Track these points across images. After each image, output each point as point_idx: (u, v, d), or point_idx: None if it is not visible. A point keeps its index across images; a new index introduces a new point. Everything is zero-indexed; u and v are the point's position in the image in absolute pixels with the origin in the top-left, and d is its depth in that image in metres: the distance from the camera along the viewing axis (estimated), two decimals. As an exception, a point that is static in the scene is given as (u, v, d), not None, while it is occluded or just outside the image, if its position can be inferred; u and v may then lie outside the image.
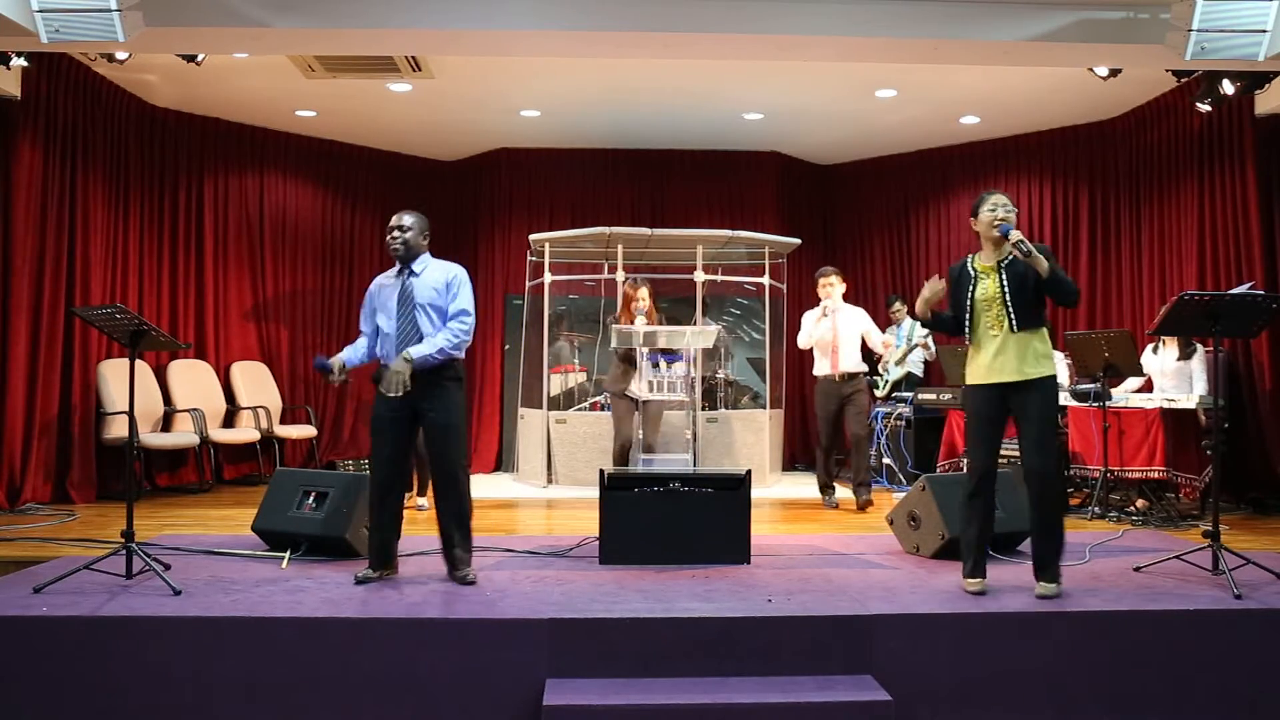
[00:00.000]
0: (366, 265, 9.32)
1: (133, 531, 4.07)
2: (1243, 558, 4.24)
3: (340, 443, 9.18)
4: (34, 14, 4.56)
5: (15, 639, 3.46)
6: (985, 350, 4.02)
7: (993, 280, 4.04)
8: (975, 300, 4.07)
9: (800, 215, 9.80)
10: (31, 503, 6.40)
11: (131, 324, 4.12)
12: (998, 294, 4.01)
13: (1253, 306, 4.18)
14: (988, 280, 4.05)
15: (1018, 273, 3.98)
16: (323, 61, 6.88)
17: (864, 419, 6.83)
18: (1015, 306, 3.97)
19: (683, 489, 4.61)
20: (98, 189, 7.11)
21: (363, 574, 4.11)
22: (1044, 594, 3.88)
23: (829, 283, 6.86)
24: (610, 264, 8.09)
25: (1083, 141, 8.36)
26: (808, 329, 6.89)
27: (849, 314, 6.88)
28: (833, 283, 6.86)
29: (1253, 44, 4.75)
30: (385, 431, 4.15)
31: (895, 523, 5.04)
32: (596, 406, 8.13)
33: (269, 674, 3.44)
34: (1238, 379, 6.79)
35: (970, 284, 4.10)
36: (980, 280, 4.07)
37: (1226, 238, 6.86)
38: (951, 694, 3.53)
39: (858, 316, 6.93)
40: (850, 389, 6.73)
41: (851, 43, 5.37)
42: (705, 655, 3.51)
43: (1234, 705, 3.59)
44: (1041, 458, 3.94)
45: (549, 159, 9.47)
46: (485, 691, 3.44)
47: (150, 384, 7.50)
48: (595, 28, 5.25)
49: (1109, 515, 6.12)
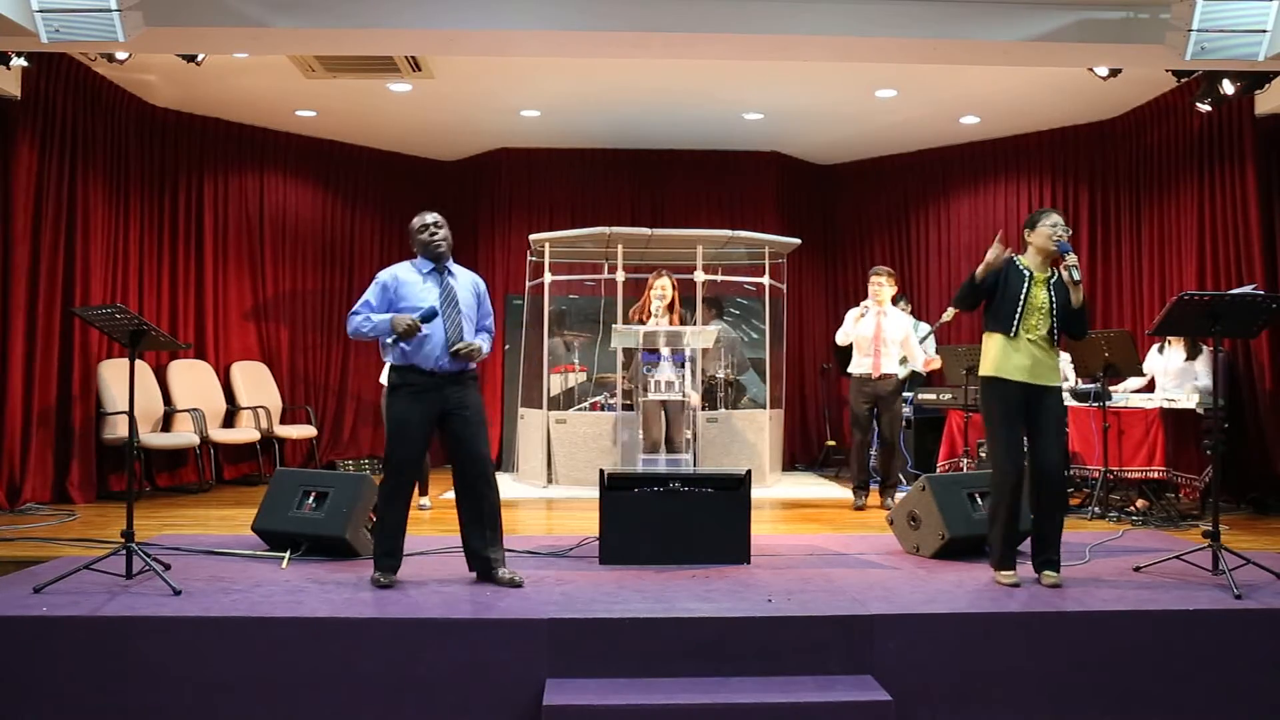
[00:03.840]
0: (366, 265, 9.31)
1: (133, 531, 4.07)
2: (1243, 558, 4.24)
3: (340, 443, 9.18)
4: (34, 14, 4.56)
5: (15, 639, 3.46)
6: (1021, 351, 4.16)
7: (1043, 290, 4.21)
8: (1026, 302, 4.18)
9: (800, 215, 9.80)
10: (31, 503, 6.40)
11: (131, 324, 4.11)
12: (1048, 306, 4.18)
13: (1253, 306, 4.18)
14: (1039, 290, 4.22)
15: (1062, 290, 4.19)
16: (323, 61, 6.88)
17: (898, 423, 6.78)
18: (1060, 320, 4.19)
19: (683, 489, 4.60)
20: (98, 189, 7.11)
21: (386, 579, 4.03)
22: (1051, 582, 4.07)
23: (879, 283, 6.78)
24: (610, 264, 8.09)
25: (1083, 141, 8.36)
26: (847, 326, 6.83)
27: (896, 317, 6.82)
28: (882, 283, 6.78)
29: (1253, 44, 4.75)
30: (414, 432, 4.09)
31: (895, 523, 5.04)
32: (596, 406, 8.13)
33: (269, 674, 3.44)
34: (1238, 379, 6.79)
35: (1024, 283, 4.21)
36: (1034, 287, 4.21)
37: (1226, 238, 6.86)
38: (951, 694, 3.53)
39: (903, 322, 6.86)
40: (886, 390, 6.67)
41: (851, 43, 5.37)
42: (705, 655, 3.51)
43: (1234, 705, 3.59)
44: (1054, 460, 4.16)
45: (549, 159, 9.47)
46: (485, 691, 3.43)
47: (150, 384, 7.50)
48: (595, 28, 5.25)
49: (1109, 515, 6.12)
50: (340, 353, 9.25)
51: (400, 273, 4.21)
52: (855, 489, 6.83)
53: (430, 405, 4.08)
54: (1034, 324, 4.16)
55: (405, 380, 4.11)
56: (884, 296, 6.76)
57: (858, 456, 6.80)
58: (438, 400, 4.08)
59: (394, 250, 9.35)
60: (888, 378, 6.67)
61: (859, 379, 6.75)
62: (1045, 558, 4.16)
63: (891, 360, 6.69)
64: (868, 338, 6.70)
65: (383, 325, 4.08)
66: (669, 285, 6.87)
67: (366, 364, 9.34)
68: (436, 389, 4.09)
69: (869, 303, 6.76)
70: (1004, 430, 4.16)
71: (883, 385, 6.66)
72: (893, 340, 6.71)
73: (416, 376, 4.09)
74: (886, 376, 6.66)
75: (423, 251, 4.21)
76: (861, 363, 6.75)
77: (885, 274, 6.86)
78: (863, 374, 6.72)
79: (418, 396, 4.08)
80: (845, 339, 6.86)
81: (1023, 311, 4.16)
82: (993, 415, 4.20)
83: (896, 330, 6.74)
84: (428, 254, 4.20)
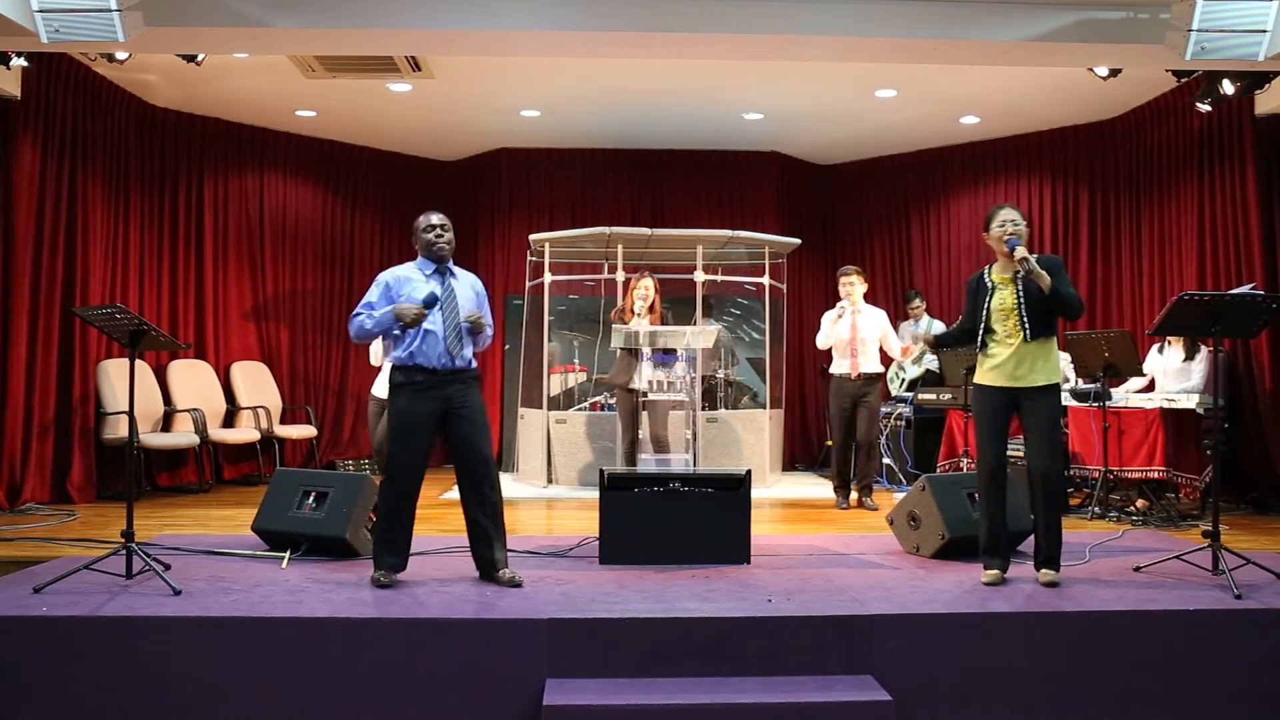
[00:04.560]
0: (366, 265, 9.33)
1: (133, 531, 4.07)
2: (1243, 558, 4.24)
3: (340, 443, 9.19)
4: (34, 14, 4.56)
5: (15, 639, 3.46)
6: (999, 356, 4.21)
7: (1010, 291, 4.22)
8: (992, 310, 4.24)
9: (800, 215, 9.80)
10: (31, 503, 6.40)
11: (131, 324, 4.11)
12: (1014, 305, 4.18)
13: (1253, 306, 4.18)
14: (1005, 291, 4.23)
15: (1033, 284, 4.15)
16: (323, 61, 6.88)
17: (874, 423, 6.78)
18: (1030, 317, 4.16)
19: (683, 489, 4.60)
20: (98, 189, 7.11)
21: (386, 579, 4.02)
22: (1049, 580, 4.09)
23: (849, 282, 6.79)
24: (610, 264, 8.09)
25: (1083, 141, 8.36)
26: (826, 329, 6.83)
27: (870, 314, 6.82)
28: (853, 282, 6.78)
29: (1253, 44, 4.75)
30: (419, 432, 4.09)
31: (895, 523, 5.04)
32: (596, 406, 8.13)
33: (269, 674, 3.44)
34: (1238, 379, 6.79)
35: (988, 294, 4.27)
36: (997, 291, 4.25)
37: (1226, 238, 6.86)
38: (951, 694, 3.53)
39: (878, 318, 6.86)
40: (866, 390, 6.67)
41: (851, 43, 5.38)
42: (705, 655, 3.51)
43: (1234, 705, 3.59)
44: (1047, 460, 4.17)
45: (549, 159, 9.47)
46: (485, 691, 3.44)
47: (150, 384, 7.50)
48: (595, 28, 5.25)
49: (1109, 515, 6.12)
50: (340, 353, 9.25)
51: (402, 273, 4.23)
52: (836, 489, 6.85)
53: (433, 403, 4.09)
54: (1009, 328, 4.18)
55: (409, 379, 4.11)
56: (856, 295, 6.77)
57: (837, 457, 6.81)
58: (440, 398, 4.09)
59: (394, 250, 9.35)
60: (867, 378, 6.69)
61: (839, 379, 6.77)
62: (1043, 557, 4.18)
63: (870, 360, 6.72)
64: (845, 339, 6.72)
65: (386, 317, 4.08)
66: (651, 285, 6.89)
67: (366, 364, 9.32)
68: (439, 387, 4.10)
69: (844, 304, 6.77)
70: (979, 431, 4.31)
71: (861, 385, 6.68)
72: (870, 339, 6.72)
73: (419, 375, 4.09)
74: (864, 376, 6.68)
75: (425, 251, 4.22)
76: (841, 364, 6.77)
77: (855, 272, 6.86)
78: (842, 374, 6.75)
79: (420, 394, 4.09)
80: (825, 342, 6.86)
81: (988, 320, 4.24)
82: (975, 418, 4.37)
83: (873, 329, 6.76)
84: (430, 254, 4.21)
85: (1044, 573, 4.13)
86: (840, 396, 6.74)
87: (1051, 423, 4.21)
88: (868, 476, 6.69)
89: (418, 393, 4.09)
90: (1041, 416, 4.16)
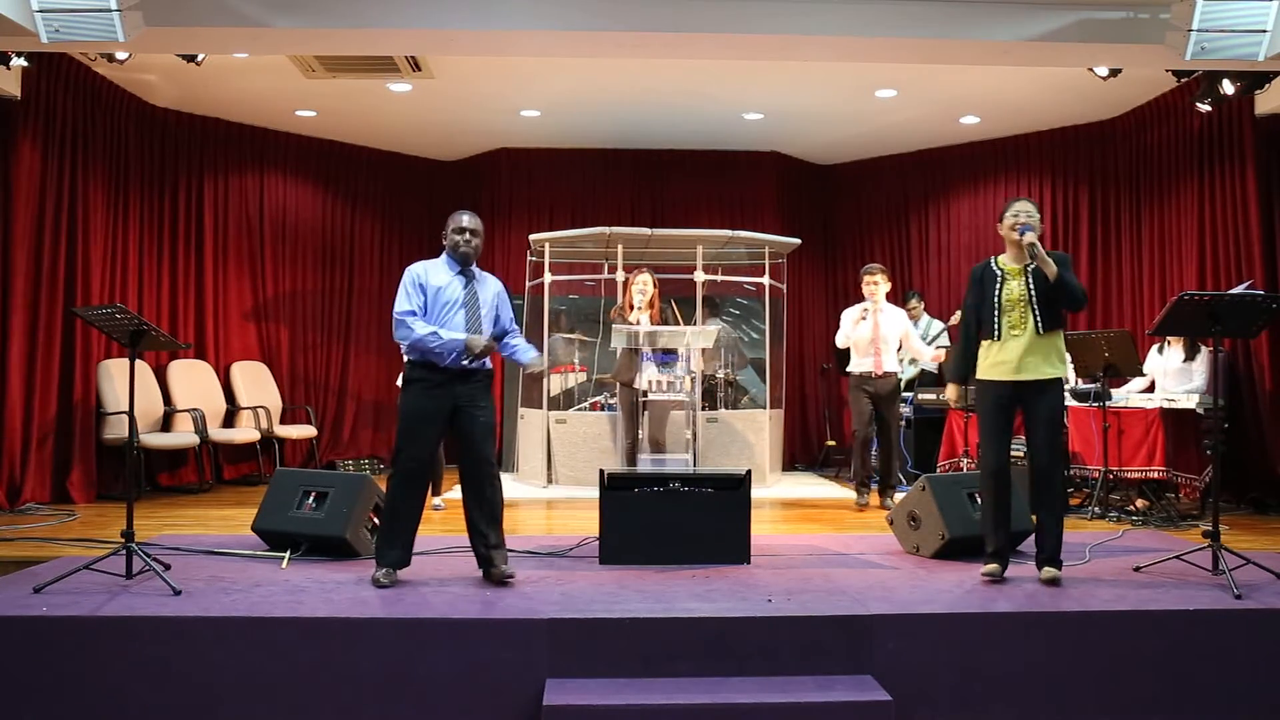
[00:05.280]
0: (366, 265, 9.33)
1: (133, 531, 4.07)
2: (1243, 558, 4.24)
3: (340, 443, 9.19)
4: (34, 14, 4.57)
5: (15, 639, 3.46)
6: (1005, 348, 4.19)
7: (1019, 282, 4.21)
8: (1001, 300, 4.22)
9: (800, 215, 9.80)
10: (31, 503, 6.40)
11: (131, 324, 4.11)
12: (1024, 296, 4.18)
13: (1253, 306, 4.18)
14: (1014, 282, 4.22)
15: (1042, 276, 4.15)
16: (323, 61, 6.88)
17: (898, 422, 6.76)
18: (1041, 308, 4.15)
19: (683, 489, 4.60)
20: (98, 189, 7.11)
21: (387, 578, 4.02)
22: (1049, 578, 4.09)
23: (874, 281, 6.73)
24: (610, 264, 8.09)
25: (1083, 141, 8.36)
26: (846, 329, 6.78)
27: (891, 314, 6.78)
28: (878, 281, 6.72)
29: (1253, 44, 4.76)
30: (429, 428, 4.12)
31: (895, 523, 5.04)
32: (596, 406, 8.13)
33: (269, 674, 3.44)
34: (1238, 379, 6.79)
35: (996, 283, 4.25)
36: (1007, 281, 4.23)
37: (1226, 238, 6.86)
38: (951, 694, 3.53)
39: (899, 318, 6.83)
40: (887, 388, 6.65)
41: (851, 43, 5.38)
42: (705, 655, 3.51)
43: (1234, 705, 3.59)
44: (1050, 457, 4.17)
45: (549, 159, 9.47)
46: (485, 691, 3.43)
47: (150, 384, 7.50)
48: (595, 28, 5.26)
49: (1109, 515, 6.12)
50: (340, 353, 9.25)
51: (430, 268, 4.25)
52: (858, 486, 6.81)
53: (442, 400, 4.11)
54: (1015, 319, 4.17)
55: (419, 376, 4.14)
56: (879, 295, 6.73)
57: (860, 454, 6.78)
58: (449, 396, 4.11)
59: (394, 250, 9.35)
60: (889, 376, 6.65)
61: (860, 377, 6.72)
62: (1043, 555, 4.18)
63: (891, 358, 6.67)
64: (866, 339, 6.68)
65: (454, 344, 4.07)
66: (649, 282, 6.88)
67: (366, 364, 9.36)
68: (449, 384, 4.11)
69: (867, 304, 6.74)
70: (983, 426, 4.28)
71: (884, 384, 6.65)
72: (891, 338, 6.69)
73: (430, 372, 4.12)
74: (888, 375, 6.65)
75: (451, 251, 4.25)
76: (862, 362, 6.71)
77: (879, 271, 6.81)
78: (863, 372, 6.69)
79: (430, 392, 4.11)
80: (845, 341, 6.82)
81: (999, 311, 4.21)
82: (979, 413, 4.33)
83: (894, 328, 6.73)
84: (454, 255, 4.25)
85: (1045, 570, 4.13)
86: (861, 394, 6.69)
87: (1053, 418, 4.20)
88: (891, 476, 6.63)
89: (427, 390, 4.11)
90: (1043, 411, 4.15)
